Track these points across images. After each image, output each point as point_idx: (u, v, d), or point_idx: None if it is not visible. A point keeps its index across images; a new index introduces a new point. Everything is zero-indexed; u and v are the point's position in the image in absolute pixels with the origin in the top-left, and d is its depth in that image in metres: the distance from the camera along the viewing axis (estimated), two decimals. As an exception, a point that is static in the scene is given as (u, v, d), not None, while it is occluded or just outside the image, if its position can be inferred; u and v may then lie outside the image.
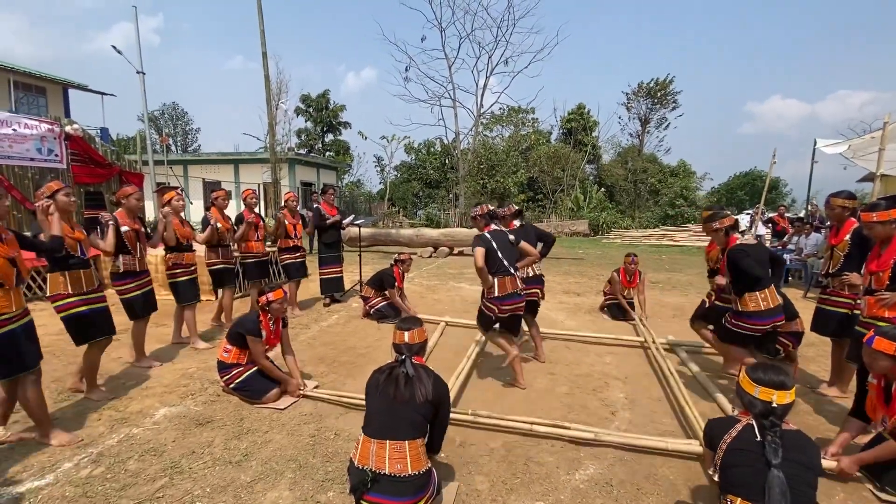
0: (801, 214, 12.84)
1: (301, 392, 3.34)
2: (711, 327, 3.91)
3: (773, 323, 3.26)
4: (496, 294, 3.46)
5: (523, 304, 3.67)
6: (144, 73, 12.17)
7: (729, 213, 3.50)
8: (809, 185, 13.59)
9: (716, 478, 1.87)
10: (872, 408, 2.48)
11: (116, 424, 2.95)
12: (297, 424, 2.98)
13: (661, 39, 64.62)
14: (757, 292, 3.22)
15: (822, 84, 78.67)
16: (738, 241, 3.32)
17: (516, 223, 4.24)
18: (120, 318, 3.90)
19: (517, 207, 4.44)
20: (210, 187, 5.01)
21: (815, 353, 4.52)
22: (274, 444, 2.74)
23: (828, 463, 2.34)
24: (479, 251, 3.36)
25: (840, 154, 9.49)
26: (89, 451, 2.64)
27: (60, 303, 3.09)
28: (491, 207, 3.73)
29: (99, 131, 12.88)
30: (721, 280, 3.49)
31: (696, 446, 2.58)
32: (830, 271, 3.51)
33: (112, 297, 3.65)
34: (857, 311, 3.20)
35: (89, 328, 3.20)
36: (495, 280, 3.45)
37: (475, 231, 3.76)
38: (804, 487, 1.67)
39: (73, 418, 3.01)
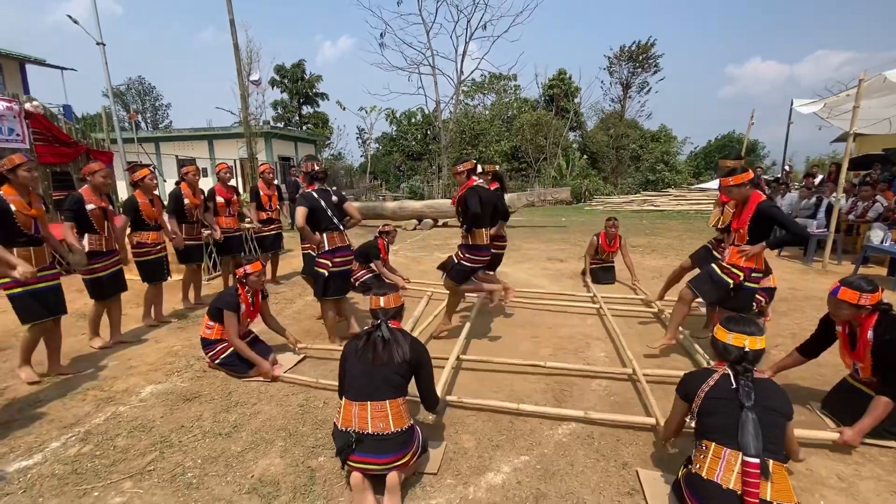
0: (777, 176, 13.07)
1: (274, 375, 3.22)
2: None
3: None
4: (326, 248, 3.61)
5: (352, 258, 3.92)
6: (105, 45, 11.51)
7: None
8: (785, 147, 13.78)
9: (693, 425, 1.97)
10: (843, 357, 2.63)
11: (102, 403, 2.94)
12: (286, 395, 3.01)
13: (641, 1, 63.49)
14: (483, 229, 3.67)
15: (802, 45, 79.13)
16: (474, 183, 3.62)
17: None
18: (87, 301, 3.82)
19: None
20: (184, 164, 4.84)
21: (787, 308, 4.70)
22: (263, 414, 2.77)
23: (830, 435, 2.39)
24: (301, 210, 3.47)
25: (815, 114, 9.61)
26: (76, 430, 2.64)
27: (5, 280, 2.97)
28: (317, 167, 3.78)
29: (62, 108, 12.25)
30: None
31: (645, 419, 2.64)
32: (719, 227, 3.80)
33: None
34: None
35: (34, 307, 3.08)
36: (324, 235, 3.60)
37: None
38: (774, 430, 1.77)
39: (58, 399, 2.99)
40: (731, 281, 3.15)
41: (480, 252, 3.72)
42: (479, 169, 3.96)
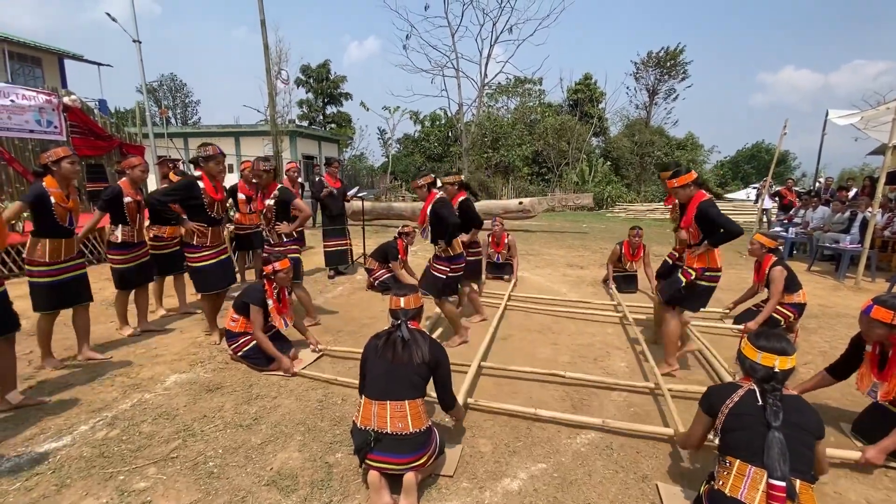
0: (810, 188, 12.67)
1: (294, 371, 3.27)
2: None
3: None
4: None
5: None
6: (141, 42, 11.90)
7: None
8: (819, 158, 13.32)
9: (716, 441, 1.91)
10: (862, 376, 2.53)
11: (129, 390, 3.03)
12: (305, 390, 3.05)
13: (671, 6, 62.48)
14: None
15: (837, 54, 76.67)
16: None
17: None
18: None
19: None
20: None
21: (817, 325, 4.55)
22: (283, 408, 2.82)
23: (851, 454, 2.32)
24: None
25: (852, 125, 9.28)
26: (104, 414, 2.72)
27: (32, 268, 3.09)
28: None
29: (97, 103, 12.71)
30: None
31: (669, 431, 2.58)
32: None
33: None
34: (678, 263, 3.71)
35: (58, 297, 3.19)
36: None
37: (478, 205, 3.84)
38: (803, 448, 1.71)
39: (87, 384, 3.09)
40: (683, 279, 3.25)
41: (459, 261, 3.86)
42: (438, 183, 4.07)
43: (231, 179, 5.42)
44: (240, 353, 3.35)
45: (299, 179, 5.96)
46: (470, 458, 2.36)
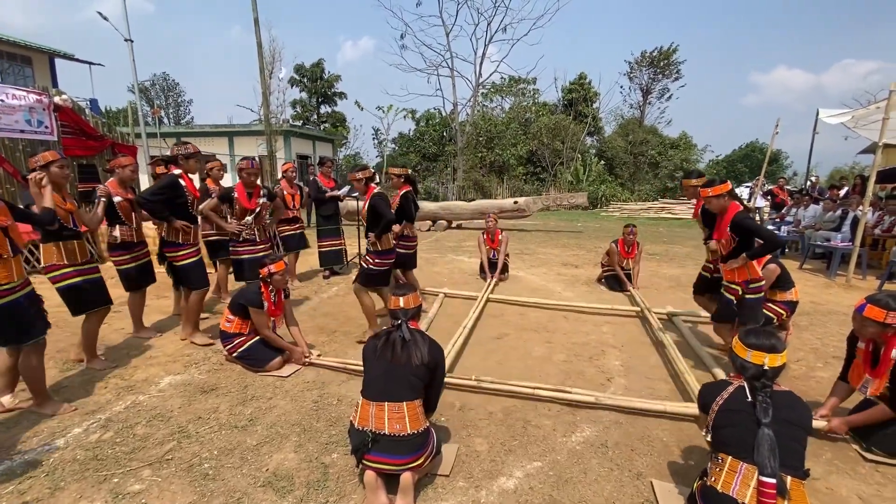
0: (802, 187, 12.79)
1: (307, 360, 3.40)
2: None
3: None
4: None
5: None
6: (132, 41, 11.81)
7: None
8: (810, 157, 13.48)
9: (708, 438, 1.93)
10: (856, 373, 2.56)
11: (123, 392, 3.01)
12: (301, 391, 3.05)
13: (665, 6, 62.79)
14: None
15: (828, 53, 77.28)
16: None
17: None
18: (119, 290, 3.92)
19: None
20: (204, 159, 4.90)
21: (809, 322, 4.60)
22: (278, 409, 2.81)
23: (818, 423, 2.43)
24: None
25: (843, 124, 9.39)
26: (97, 417, 2.70)
27: (55, 273, 3.08)
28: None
29: (88, 102, 12.59)
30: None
31: (693, 408, 2.65)
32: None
33: (110, 269, 3.66)
34: (716, 275, 3.53)
35: (85, 299, 3.21)
36: None
37: (473, 204, 3.86)
38: (793, 444, 1.73)
39: (80, 386, 3.08)
40: (732, 298, 3.19)
41: (388, 255, 3.95)
42: (377, 179, 4.14)
43: (227, 181, 5.39)
44: (235, 354, 3.34)
45: (296, 181, 5.90)
46: (466, 458, 2.36)
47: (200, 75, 78.23)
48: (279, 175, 5.97)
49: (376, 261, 3.88)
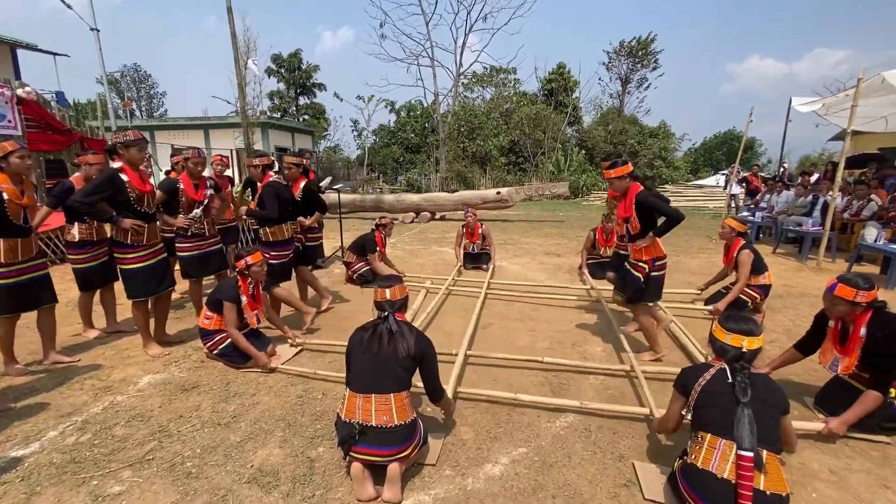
0: (775, 174, 13.12)
1: (272, 367, 3.23)
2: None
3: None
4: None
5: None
6: (98, 31, 11.36)
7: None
8: (783, 144, 13.80)
9: (689, 417, 1.99)
10: (824, 351, 2.66)
11: (100, 393, 2.93)
12: (285, 386, 3.02)
13: (642, -5, 63.13)
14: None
15: (800, 43, 78.95)
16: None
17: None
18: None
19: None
20: (178, 153, 4.73)
21: (782, 305, 4.75)
22: (262, 405, 2.78)
23: (816, 426, 2.44)
24: None
25: (814, 112, 9.64)
26: (73, 419, 2.63)
27: None
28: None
29: (54, 95, 12.07)
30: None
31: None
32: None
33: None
34: (623, 252, 3.73)
35: (17, 299, 3.01)
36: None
37: (456, 196, 3.84)
38: (769, 422, 1.81)
39: (54, 388, 2.98)
40: (639, 275, 3.28)
41: (285, 247, 3.92)
42: (276, 167, 4.11)
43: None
44: (215, 352, 3.28)
45: (227, 172, 5.56)
46: (452, 447, 2.38)
47: (175, 67, 75.88)
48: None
49: (272, 253, 3.81)
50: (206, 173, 3.99)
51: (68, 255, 3.73)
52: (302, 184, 4.27)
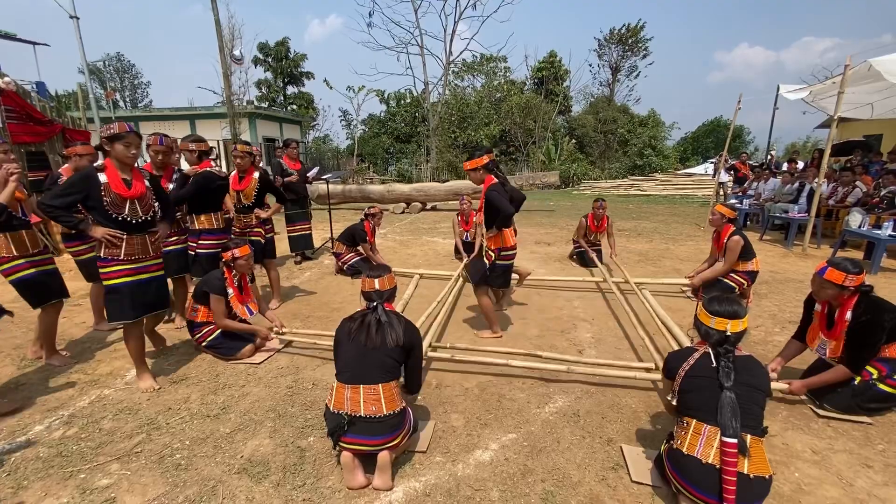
0: (763, 161, 13.23)
1: (274, 335, 3.34)
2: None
3: None
4: None
5: None
6: (78, 18, 11.06)
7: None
8: (770, 132, 13.88)
9: (674, 402, 2.01)
10: (812, 334, 2.70)
11: (87, 387, 2.90)
12: (274, 377, 3.01)
13: (633, -18, 62.60)
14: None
15: (788, 31, 78.99)
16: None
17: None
18: (79, 283, 3.75)
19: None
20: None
21: (768, 290, 4.81)
22: (252, 396, 2.77)
23: (779, 385, 2.55)
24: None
25: (802, 100, 9.70)
26: (60, 413, 2.60)
27: (6, 266, 2.95)
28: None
29: (35, 86, 11.75)
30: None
31: (655, 373, 2.77)
32: None
33: (68, 262, 3.48)
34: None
35: (41, 291, 3.07)
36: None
37: (447, 186, 3.82)
38: (753, 406, 1.82)
39: (40, 383, 2.95)
40: (486, 262, 3.40)
41: (213, 236, 3.72)
42: (213, 154, 3.96)
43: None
44: (203, 344, 3.26)
45: (261, 165, 5.64)
46: (443, 434, 2.39)
47: (160, 56, 74.09)
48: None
49: (201, 243, 3.71)
50: (185, 165, 3.85)
51: (66, 248, 3.66)
52: (255, 174, 4.14)
